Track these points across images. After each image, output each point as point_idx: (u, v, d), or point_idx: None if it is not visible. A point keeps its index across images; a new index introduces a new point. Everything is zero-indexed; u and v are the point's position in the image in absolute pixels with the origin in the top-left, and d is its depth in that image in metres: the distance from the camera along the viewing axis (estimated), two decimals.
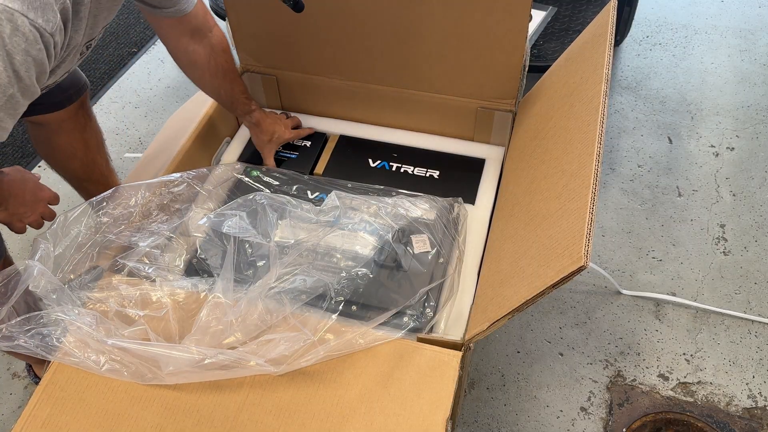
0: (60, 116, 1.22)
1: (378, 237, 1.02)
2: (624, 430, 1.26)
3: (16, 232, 1.05)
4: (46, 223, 1.60)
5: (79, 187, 1.41)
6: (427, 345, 0.89)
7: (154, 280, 0.96)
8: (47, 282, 0.89)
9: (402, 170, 1.23)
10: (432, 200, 1.09)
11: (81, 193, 1.43)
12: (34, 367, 1.34)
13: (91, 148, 1.32)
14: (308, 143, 1.29)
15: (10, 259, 1.16)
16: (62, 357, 0.86)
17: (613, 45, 0.99)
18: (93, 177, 1.37)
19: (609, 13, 1.04)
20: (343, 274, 0.97)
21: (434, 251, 1.01)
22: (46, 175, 1.76)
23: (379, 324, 0.92)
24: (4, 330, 0.85)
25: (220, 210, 1.03)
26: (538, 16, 1.67)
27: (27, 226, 1.05)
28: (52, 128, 1.24)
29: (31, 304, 0.96)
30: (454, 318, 0.97)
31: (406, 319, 0.93)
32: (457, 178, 1.21)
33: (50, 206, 1.07)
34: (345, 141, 1.30)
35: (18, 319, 0.86)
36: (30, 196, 1.02)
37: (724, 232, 1.59)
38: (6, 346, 0.85)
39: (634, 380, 1.34)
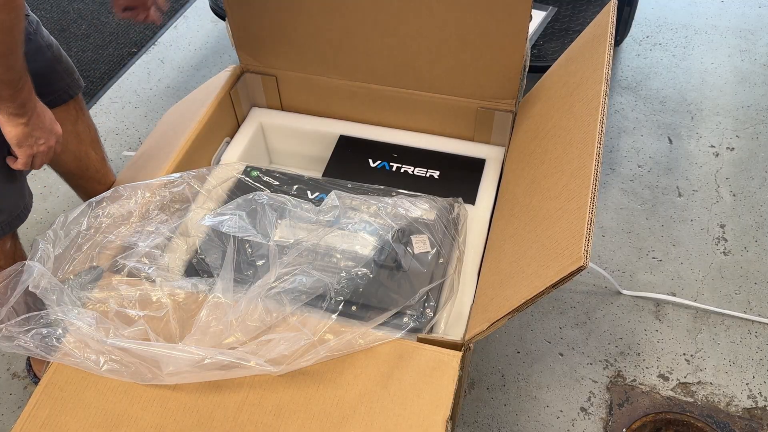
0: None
1: (378, 237, 1.02)
2: (624, 430, 1.26)
3: (20, 165, 0.99)
4: (46, 223, 1.60)
5: (75, 185, 1.41)
6: (427, 345, 0.89)
7: (154, 281, 0.96)
8: (47, 282, 0.89)
9: (402, 170, 1.23)
10: (432, 200, 1.09)
11: (77, 192, 1.43)
12: (34, 367, 1.34)
13: (84, 141, 1.32)
14: None
15: (21, 250, 1.16)
16: (62, 357, 0.86)
17: (613, 45, 0.99)
18: (87, 174, 1.36)
19: (609, 13, 1.04)
20: (343, 274, 0.97)
21: (434, 251, 1.01)
22: (44, 177, 1.76)
23: (379, 324, 0.92)
24: (3, 330, 0.85)
25: (219, 210, 1.03)
26: (538, 16, 1.67)
27: (30, 159, 0.99)
28: None
29: (31, 304, 0.96)
30: (454, 318, 0.97)
31: (405, 319, 0.93)
32: (457, 178, 1.21)
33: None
34: (345, 141, 1.30)
35: (18, 319, 0.86)
36: (48, 123, 1.00)
37: (724, 232, 1.59)
38: (6, 347, 0.85)
39: (634, 380, 1.34)
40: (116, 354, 0.85)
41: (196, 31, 2.31)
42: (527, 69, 1.16)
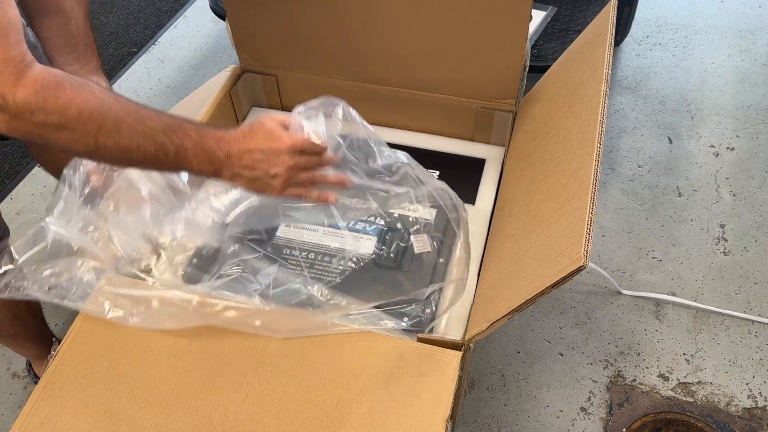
0: None
1: (378, 237, 1.02)
2: (624, 430, 1.26)
3: (300, 198, 0.85)
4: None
5: None
6: (427, 345, 0.89)
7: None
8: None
9: None
10: (432, 200, 1.09)
11: None
12: (34, 367, 1.34)
13: None
14: None
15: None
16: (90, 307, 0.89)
17: (613, 45, 0.99)
18: None
19: (609, 13, 1.04)
20: (345, 275, 0.97)
21: (434, 251, 1.01)
22: (44, 177, 1.76)
23: (380, 324, 0.92)
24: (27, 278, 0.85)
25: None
26: (538, 16, 1.67)
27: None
28: None
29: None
30: (454, 318, 0.97)
31: (406, 319, 0.93)
32: (457, 178, 1.21)
33: (302, 155, 0.82)
34: None
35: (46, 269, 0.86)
36: (259, 153, 0.79)
37: (724, 232, 1.59)
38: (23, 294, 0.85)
39: (634, 380, 1.34)
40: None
41: (196, 31, 2.31)
42: (527, 69, 1.16)
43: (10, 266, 0.86)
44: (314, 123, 0.86)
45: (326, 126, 0.88)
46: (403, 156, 0.98)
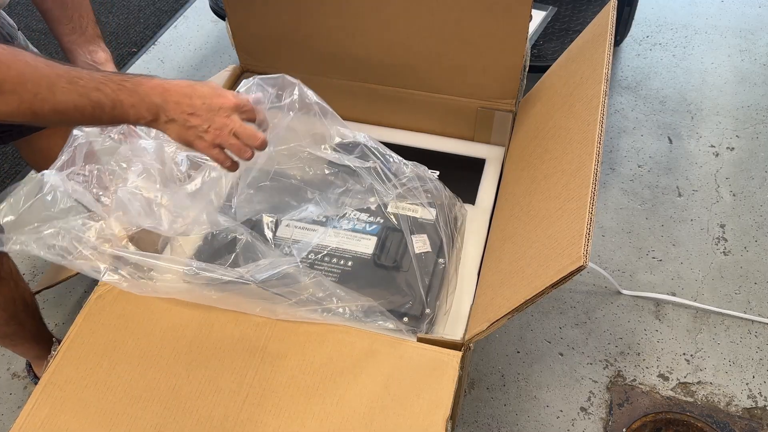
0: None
1: (377, 237, 1.03)
2: (624, 430, 1.26)
3: (220, 164, 0.85)
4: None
5: None
6: (427, 345, 0.89)
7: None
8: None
9: None
10: (432, 200, 1.09)
11: None
12: (34, 367, 1.34)
13: None
14: None
15: (10, 266, 1.15)
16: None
17: (613, 45, 0.99)
18: None
19: (609, 13, 1.04)
20: (344, 275, 0.97)
21: (434, 251, 1.01)
22: None
23: (379, 324, 0.92)
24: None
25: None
26: (538, 16, 1.67)
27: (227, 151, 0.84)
28: (35, 135, 1.23)
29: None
30: (454, 318, 0.97)
31: (405, 319, 0.93)
32: (457, 178, 1.21)
33: (243, 116, 0.84)
34: None
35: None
36: (200, 102, 0.80)
37: (724, 232, 1.59)
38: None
39: (634, 380, 1.34)
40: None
41: (196, 31, 2.31)
42: (527, 69, 1.16)
43: (10, 217, 0.85)
44: (260, 95, 0.92)
45: (271, 102, 0.93)
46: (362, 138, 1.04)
